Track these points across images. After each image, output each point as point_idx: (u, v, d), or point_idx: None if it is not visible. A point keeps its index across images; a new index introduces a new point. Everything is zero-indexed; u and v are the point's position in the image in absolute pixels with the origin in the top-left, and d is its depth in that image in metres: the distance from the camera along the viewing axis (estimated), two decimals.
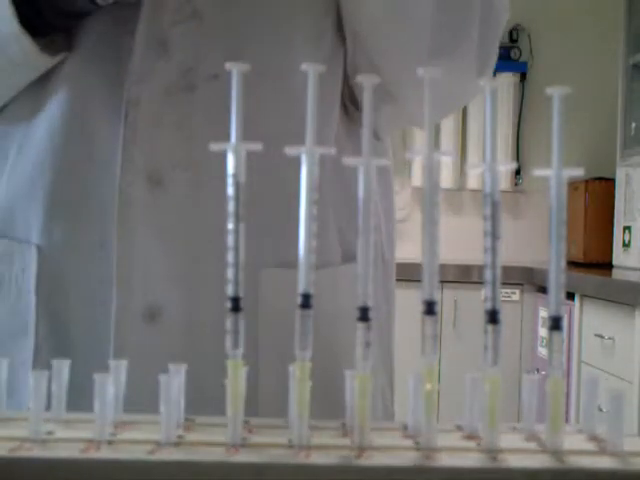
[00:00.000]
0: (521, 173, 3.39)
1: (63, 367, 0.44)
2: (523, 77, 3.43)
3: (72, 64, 0.67)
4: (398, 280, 0.80)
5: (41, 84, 0.68)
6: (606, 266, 2.99)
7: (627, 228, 2.88)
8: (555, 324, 0.41)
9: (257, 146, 0.41)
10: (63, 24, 0.66)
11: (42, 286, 0.67)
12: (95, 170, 0.66)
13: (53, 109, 0.67)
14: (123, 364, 0.45)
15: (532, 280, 2.91)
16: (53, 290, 0.67)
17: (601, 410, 0.57)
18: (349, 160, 0.40)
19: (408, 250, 1.66)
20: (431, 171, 0.41)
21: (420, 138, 3.11)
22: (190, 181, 0.65)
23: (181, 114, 0.65)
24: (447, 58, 0.69)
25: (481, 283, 0.41)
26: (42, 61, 0.65)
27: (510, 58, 3.40)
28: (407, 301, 1.16)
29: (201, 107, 0.65)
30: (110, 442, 0.40)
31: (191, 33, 0.66)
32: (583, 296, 2.52)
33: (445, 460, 0.38)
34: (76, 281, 0.67)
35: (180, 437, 0.41)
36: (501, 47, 0.78)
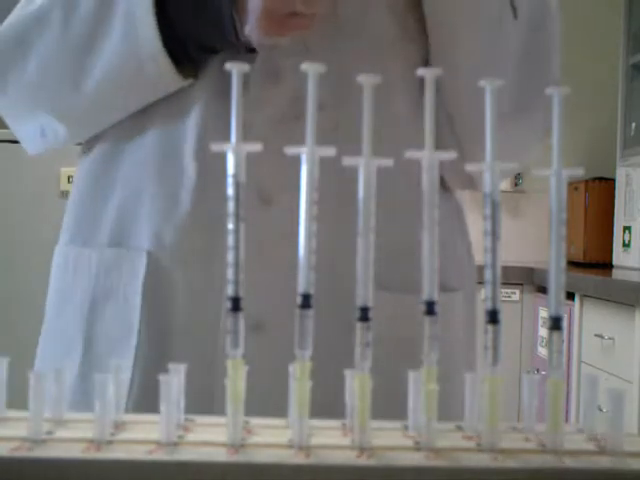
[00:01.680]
0: (521, 173, 3.39)
1: (62, 368, 0.43)
2: None
3: (198, 89, 0.70)
4: None
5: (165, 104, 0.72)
6: (606, 266, 2.99)
7: (627, 228, 2.88)
8: (555, 324, 0.41)
9: (257, 147, 0.41)
10: (200, 57, 0.70)
11: (149, 291, 0.70)
12: (209, 184, 0.69)
13: (172, 131, 0.71)
14: (123, 364, 0.45)
15: (532, 280, 2.91)
16: (159, 297, 0.70)
17: (601, 410, 0.57)
18: (349, 160, 0.40)
19: None
20: (431, 171, 0.41)
21: None
22: (294, 202, 0.68)
23: (288, 140, 0.67)
24: (525, 115, 0.74)
25: (481, 283, 0.41)
26: (174, 82, 0.69)
27: None
28: None
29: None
30: (110, 442, 0.40)
31: (300, 62, 0.68)
32: (583, 296, 2.52)
33: (445, 460, 0.38)
34: (183, 289, 0.70)
35: (180, 437, 0.41)
36: None
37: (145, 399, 0.67)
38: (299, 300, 0.40)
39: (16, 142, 0.80)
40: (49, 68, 0.71)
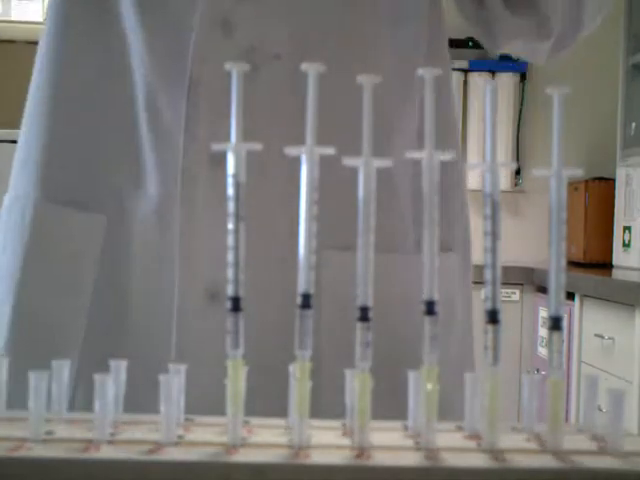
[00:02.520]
0: (521, 173, 3.39)
1: (63, 367, 0.44)
2: (523, 77, 3.43)
3: (138, 41, 0.67)
4: None
5: (108, 56, 0.68)
6: (606, 266, 2.99)
7: (627, 228, 2.88)
8: (555, 324, 0.41)
9: (257, 146, 0.41)
10: None
11: (105, 255, 0.67)
12: (159, 146, 0.67)
13: (118, 82, 0.68)
14: (123, 364, 0.45)
15: (532, 280, 2.91)
16: (115, 260, 0.67)
17: (601, 410, 0.57)
18: (349, 160, 0.40)
19: None
20: (431, 171, 0.41)
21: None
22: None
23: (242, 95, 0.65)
24: None
25: (481, 283, 0.41)
26: None
27: (510, 58, 3.40)
28: None
29: (263, 87, 0.64)
30: (110, 442, 0.40)
31: (253, 13, 0.66)
32: (583, 296, 2.52)
33: (445, 460, 0.38)
34: (139, 254, 0.67)
35: (180, 437, 0.41)
36: None
37: (96, 352, 0.65)
38: (299, 300, 0.40)
39: (16, 142, 0.80)
40: None
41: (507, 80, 3.37)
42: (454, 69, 3.16)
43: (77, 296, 0.67)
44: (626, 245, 2.89)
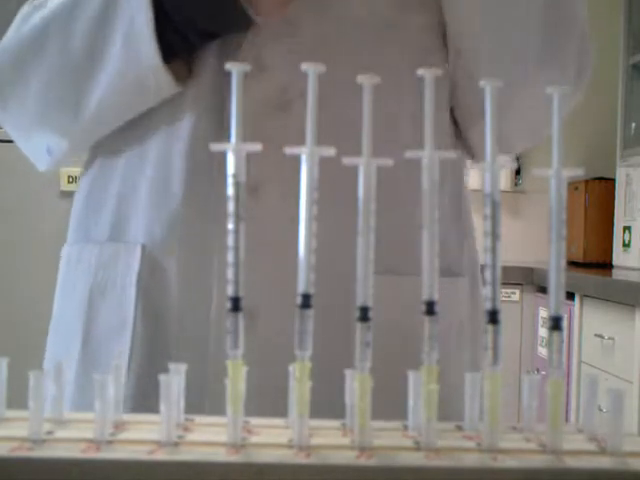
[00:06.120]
0: (521, 173, 3.39)
1: (62, 367, 0.44)
2: None
3: (191, 87, 0.70)
4: None
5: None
6: (606, 266, 2.99)
7: (627, 228, 2.88)
8: (555, 324, 0.41)
9: (257, 147, 0.41)
10: (198, 43, 0.69)
11: (143, 283, 0.71)
12: (197, 176, 0.70)
13: (163, 126, 0.71)
14: (123, 364, 0.45)
15: (532, 280, 2.91)
16: (153, 287, 0.71)
17: (601, 410, 0.57)
18: (349, 160, 0.40)
19: None
20: (432, 171, 0.41)
21: None
22: (281, 194, 0.68)
23: (275, 130, 0.67)
24: (552, 69, 0.73)
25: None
26: (172, 90, 0.69)
27: None
28: None
29: (294, 124, 0.65)
30: (110, 442, 0.40)
31: (286, 52, 0.69)
32: (583, 296, 2.52)
33: (445, 460, 0.38)
34: (177, 279, 0.70)
35: (180, 437, 0.41)
36: None
37: (141, 391, 0.68)
38: (299, 300, 0.40)
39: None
40: (49, 91, 0.72)
41: None
42: None
43: (124, 322, 0.71)
44: (626, 245, 2.89)
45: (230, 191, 0.41)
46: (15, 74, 0.72)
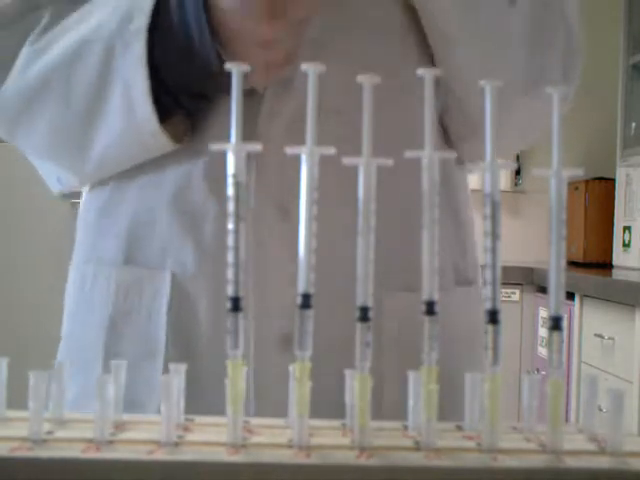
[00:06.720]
0: (521, 173, 3.39)
1: (63, 367, 0.44)
2: None
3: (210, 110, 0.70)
4: None
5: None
6: (606, 266, 2.99)
7: (627, 228, 2.88)
8: (555, 324, 0.41)
9: (257, 147, 0.41)
10: (195, 106, 0.69)
11: (173, 311, 0.70)
12: (221, 197, 0.69)
13: (185, 150, 0.71)
14: (123, 364, 0.45)
15: (532, 280, 2.91)
16: (184, 315, 0.70)
17: (601, 410, 0.57)
18: (349, 160, 0.40)
19: None
20: (431, 171, 0.41)
21: None
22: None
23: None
24: (535, 94, 0.72)
25: None
26: (174, 147, 0.69)
27: None
28: None
29: (323, 141, 0.66)
30: (110, 442, 0.40)
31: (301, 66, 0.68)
32: (583, 296, 2.52)
33: (445, 460, 0.38)
34: (207, 307, 0.69)
35: (180, 437, 0.41)
36: None
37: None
38: (299, 300, 0.40)
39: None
40: (56, 136, 0.72)
41: None
42: None
43: (154, 348, 0.70)
44: (626, 245, 2.89)
45: (230, 191, 0.41)
46: (22, 116, 0.72)
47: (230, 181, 0.41)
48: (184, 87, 0.67)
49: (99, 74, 0.67)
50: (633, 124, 2.93)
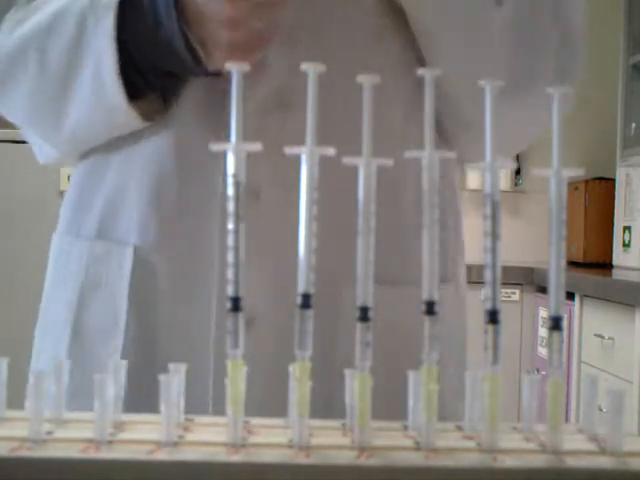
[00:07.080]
0: (521, 173, 3.39)
1: (62, 367, 0.44)
2: None
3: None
4: None
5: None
6: (606, 266, 2.99)
7: (627, 228, 2.88)
8: (555, 324, 0.41)
9: (257, 147, 0.41)
10: (163, 85, 0.70)
11: (135, 287, 0.70)
12: (196, 181, 0.70)
13: (158, 128, 0.71)
14: (123, 364, 0.45)
15: (532, 280, 2.91)
16: (145, 292, 0.70)
17: (601, 410, 0.57)
18: (349, 160, 0.40)
19: None
20: (432, 171, 0.41)
21: None
22: (283, 197, 0.68)
23: (277, 130, 0.67)
24: (523, 97, 0.72)
25: (481, 283, 0.41)
26: (144, 125, 0.70)
27: None
28: None
29: (296, 124, 0.66)
30: (110, 442, 0.40)
31: (285, 52, 0.68)
32: (583, 296, 2.52)
33: (445, 460, 0.38)
34: (168, 281, 0.70)
35: (180, 437, 0.41)
36: None
37: (133, 392, 0.67)
38: (299, 300, 0.40)
39: (16, 142, 0.81)
40: (33, 104, 0.73)
41: None
42: None
43: (115, 324, 0.71)
44: (626, 245, 2.89)
45: (230, 191, 0.41)
46: (2, 82, 0.73)
47: (230, 181, 0.41)
48: (151, 65, 0.68)
49: (72, 46, 0.68)
50: (633, 124, 2.92)
